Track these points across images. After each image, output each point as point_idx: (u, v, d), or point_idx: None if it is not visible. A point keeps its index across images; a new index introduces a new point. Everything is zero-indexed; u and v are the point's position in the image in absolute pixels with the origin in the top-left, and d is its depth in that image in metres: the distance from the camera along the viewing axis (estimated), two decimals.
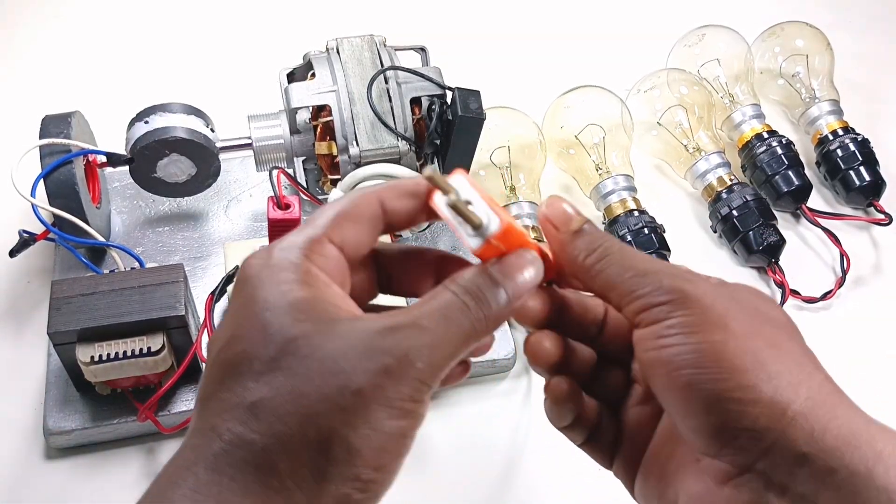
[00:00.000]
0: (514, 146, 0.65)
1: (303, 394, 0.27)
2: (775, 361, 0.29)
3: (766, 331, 0.30)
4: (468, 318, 0.29)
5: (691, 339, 0.29)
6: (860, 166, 0.67)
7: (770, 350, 0.29)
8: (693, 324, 0.29)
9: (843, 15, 0.84)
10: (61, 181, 0.53)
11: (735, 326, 0.29)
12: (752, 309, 0.31)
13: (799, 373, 0.29)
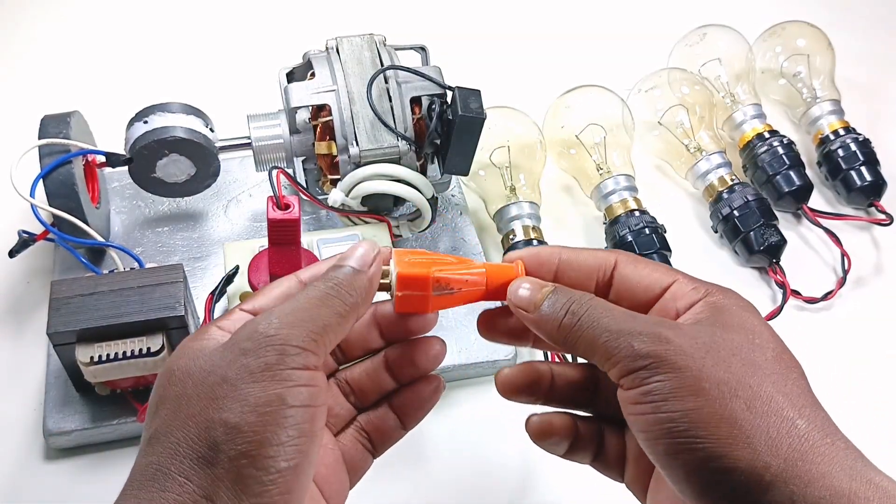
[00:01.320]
0: (514, 146, 0.64)
1: (181, 407, 0.30)
2: (753, 422, 0.29)
3: (746, 384, 0.30)
4: (317, 289, 0.33)
5: (665, 406, 0.29)
6: (861, 166, 0.67)
7: (748, 411, 0.29)
8: (667, 390, 0.29)
9: (845, 14, 0.84)
10: (60, 181, 0.53)
11: (711, 389, 0.29)
12: (735, 356, 0.31)
13: (780, 426, 0.29)
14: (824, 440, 0.30)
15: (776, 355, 0.31)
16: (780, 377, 0.31)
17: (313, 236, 0.54)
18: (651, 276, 0.35)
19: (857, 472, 0.29)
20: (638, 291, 0.35)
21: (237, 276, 0.52)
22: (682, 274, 0.35)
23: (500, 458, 0.54)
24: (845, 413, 0.56)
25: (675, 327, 0.31)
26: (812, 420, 0.30)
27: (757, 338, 0.32)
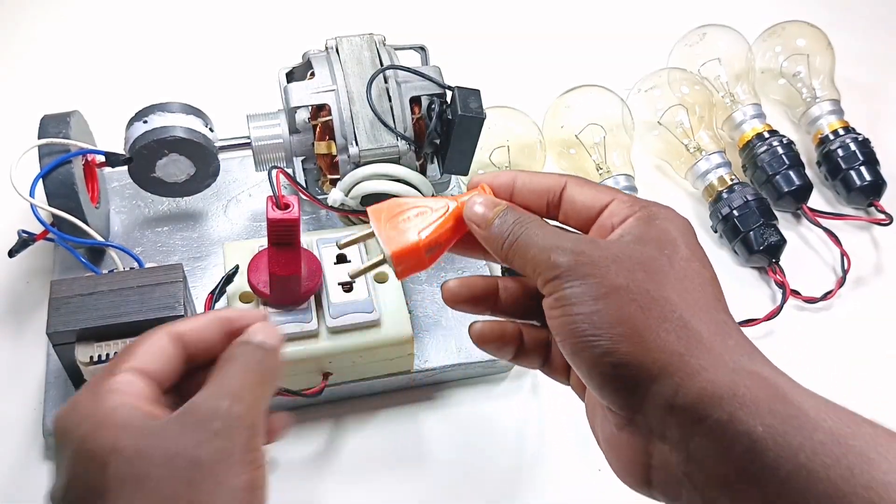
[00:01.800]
0: (514, 146, 0.64)
1: (150, 492, 0.29)
2: (646, 322, 0.32)
3: (645, 290, 0.33)
4: (251, 368, 0.34)
5: (572, 310, 0.33)
6: (861, 166, 0.67)
7: (642, 313, 0.32)
8: (575, 296, 0.33)
9: (844, 14, 0.84)
10: (60, 181, 0.53)
11: (611, 295, 0.33)
12: (641, 265, 0.34)
13: (671, 326, 0.32)
14: (714, 338, 0.32)
15: (685, 264, 0.34)
16: (683, 283, 0.34)
17: (313, 236, 0.54)
18: (594, 196, 0.38)
19: (741, 365, 0.32)
20: (582, 211, 0.38)
21: (237, 275, 0.52)
22: (622, 193, 0.38)
23: (499, 458, 0.54)
24: None
25: (592, 242, 0.35)
26: (706, 321, 0.33)
27: (668, 248, 0.34)
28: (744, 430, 0.30)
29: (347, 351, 0.50)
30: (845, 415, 0.31)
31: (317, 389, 0.50)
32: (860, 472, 0.29)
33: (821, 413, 0.30)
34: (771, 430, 0.30)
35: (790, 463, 0.29)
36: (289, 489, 0.51)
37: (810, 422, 0.30)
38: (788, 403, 0.30)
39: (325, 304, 0.50)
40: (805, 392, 0.31)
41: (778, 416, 0.30)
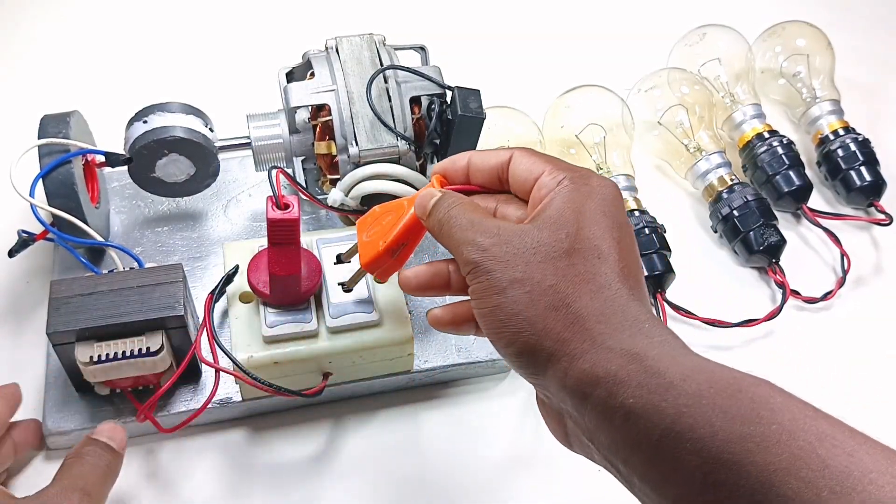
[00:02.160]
0: (514, 146, 0.64)
1: None
2: (534, 311, 0.36)
3: (535, 280, 0.36)
4: (98, 466, 0.45)
5: (481, 303, 0.37)
6: (861, 166, 0.67)
7: (531, 304, 0.36)
8: (481, 291, 0.37)
9: (845, 14, 0.84)
10: (60, 181, 0.53)
11: (509, 289, 0.36)
12: (536, 255, 0.37)
13: (556, 313, 0.35)
14: (598, 321, 0.35)
15: (586, 243, 0.37)
16: (576, 267, 0.36)
17: (313, 236, 0.54)
18: (530, 168, 0.40)
19: (620, 345, 0.34)
20: (523, 183, 0.41)
21: (236, 275, 0.52)
22: (557, 163, 0.40)
23: (499, 458, 0.54)
24: (845, 413, 0.56)
25: (496, 235, 0.38)
26: (592, 303, 0.36)
27: (563, 230, 0.37)
28: (619, 403, 0.33)
29: (347, 351, 0.50)
30: (711, 378, 0.33)
31: (317, 389, 0.50)
32: (723, 429, 0.31)
33: (686, 380, 0.33)
34: (641, 400, 0.33)
35: (658, 428, 0.32)
36: (289, 489, 0.51)
37: (674, 389, 0.32)
38: (655, 375, 0.33)
39: (325, 303, 0.50)
40: (677, 361, 0.34)
41: (645, 387, 0.33)
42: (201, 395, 0.53)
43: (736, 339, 0.61)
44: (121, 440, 0.47)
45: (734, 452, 0.30)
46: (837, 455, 0.30)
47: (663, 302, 0.60)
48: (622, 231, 0.38)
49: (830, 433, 0.31)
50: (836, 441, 0.31)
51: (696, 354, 0.35)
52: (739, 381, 0.33)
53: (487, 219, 0.39)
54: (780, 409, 0.32)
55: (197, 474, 0.52)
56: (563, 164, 0.40)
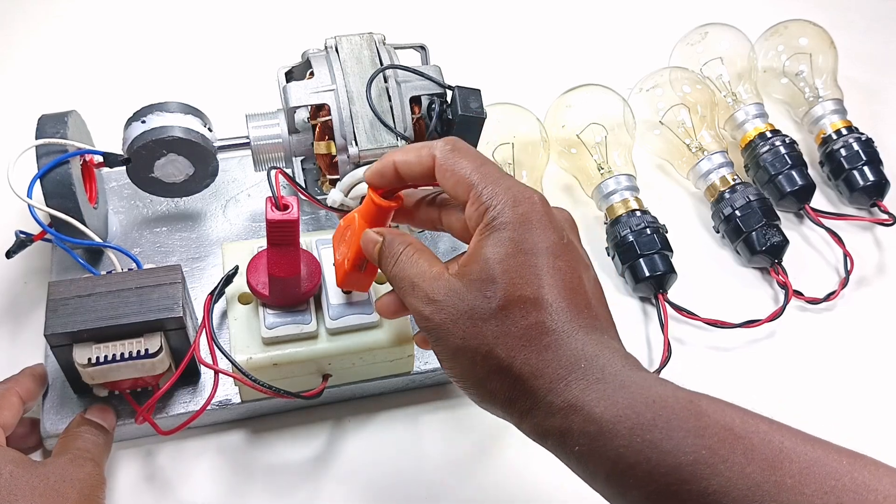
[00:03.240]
0: (518, 143, 0.64)
1: None
2: (481, 376, 0.38)
3: (475, 348, 0.38)
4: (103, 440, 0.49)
5: (437, 356, 0.41)
6: (864, 166, 0.67)
7: (475, 369, 0.38)
8: (435, 349, 0.40)
9: (847, 14, 0.84)
10: (58, 181, 0.52)
11: (456, 358, 0.39)
12: (471, 319, 0.38)
13: (497, 378, 0.38)
14: (537, 381, 0.37)
15: (502, 306, 0.38)
16: (504, 324, 0.37)
17: (312, 237, 0.54)
18: (454, 187, 0.41)
19: (560, 397, 0.36)
20: (456, 199, 0.41)
21: (236, 276, 0.52)
22: (479, 181, 0.40)
23: (499, 459, 0.53)
24: (847, 413, 0.56)
25: (434, 303, 0.39)
26: (526, 363, 0.37)
27: (491, 288, 0.38)
28: (569, 451, 0.37)
29: (347, 352, 0.49)
30: (643, 413, 0.35)
31: (316, 391, 0.50)
32: (660, 462, 0.34)
33: (620, 421, 0.35)
34: (586, 447, 0.36)
35: (604, 468, 0.36)
36: (288, 491, 0.51)
37: (610, 433, 0.35)
38: (592, 422, 0.35)
39: (325, 305, 0.50)
40: (612, 401, 0.35)
41: (587, 435, 0.36)
42: (200, 396, 0.52)
43: (738, 339, 0.60)
44: (110, 421, 0.50)
45: (671, 483, 0.33)
46: (763, 468, 0.33)
47: (665, 302, 0.60)
48: (562, 259, 0.39)
49: (759, 444, 0.34)
50: (765, 453, 0.33)
51: (632, 379, 0.36)
52: (670, 409, 0.35)
53: (426, 276, 0.40)
54: (711, 433, 0.34)
55: (196, 476, 0.51)
56: (487, 180, 0.40)
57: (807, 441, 0.34)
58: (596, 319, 0.39)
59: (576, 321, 0.38)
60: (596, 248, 0.65)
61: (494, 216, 0.39)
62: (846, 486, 0.32)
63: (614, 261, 0.63)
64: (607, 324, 0.40)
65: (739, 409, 0.36)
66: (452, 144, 0.41)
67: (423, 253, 0.42)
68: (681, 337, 0.60)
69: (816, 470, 0.33)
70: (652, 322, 0.61)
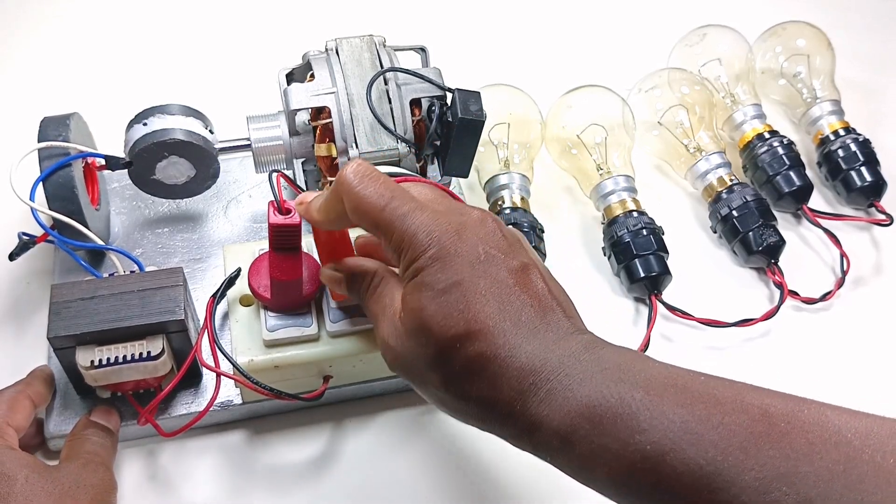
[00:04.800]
0: (514, 122, 0.65)
1: None
2: (451, 408, 0.41)
3: (437, 390, 0.40)
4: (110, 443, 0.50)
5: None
6: (861, 166, 0.67)
7: (444, 404, 0.41)
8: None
9: (845, 15, 0.84)
10: (60, 184, 0.53)
11: (424, 393, 0.41)
12: (428, 369, 0.39)
13: (468, 408, 0.39)
14: (498, 406, 0.38)
15: (439, 351, 0.38)
16: (447, 368, 0.38)
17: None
18: (365, 226, 0.42)
19: (522, 413, 0.37)
20: (364, 228, 0.42)
21: (238, 278, 0.52)
22: (384, 236, 0.41)
23: (500, 459, 0.54)
24: None
25: (390, 349, 0.41)
26: (482, 393, 0.38)
27: (422, 337, 0.39)
28: (540, 454, 0.38)
29: (348, 355, 0.50)
30: (587, 415, 0.36)
31: (317, 393, 0.50)
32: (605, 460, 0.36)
33: (570, 430, 0.36)
34: (551, 452, 0.38)
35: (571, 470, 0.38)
36: (289, 491, 0.51)
37: (566, 447, 0.37)
38: (549, 435, 0.37)
39: (326, 308, 0.50)
40: (561, 410, 0.36)
41: (552, 448, 0.37)
42: (202, 397, 0.53)
43: (733, 339, 0.61)
44: (115, 422, 0.51)
45: (634, 472, 0.34)
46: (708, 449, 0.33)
47: (657, 303, 0.60)
48: (483, 277, 0.38)
49: (701, 390, 0.35)
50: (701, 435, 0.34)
51: (584, 376, 0.36)
52: (615, 408, 0.35)
53: (385, 316, 0.41)
54: (651, 427, 0.34)
55: (197, 476, 0.52)
56: (394, 222, 0.40)
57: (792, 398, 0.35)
58: (540, 319, 0.38)
59: (516, 335, 0.37)
60: (593, 248, 0.65)
61: (409, 262, 0.40)
62: (847, 438, 0.33)
63: (610, 261, 0.63)
64: (555, 315, 0.39)
65: (687, 377, 0.37)
66: (351, 183, 0.41)
67: (390, 282, 0.43)
68: (675, 336, 0.61)
69: (802, 417, 0.34)
70: (644, 323, 0.61)
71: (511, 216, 0.62)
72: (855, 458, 0.32)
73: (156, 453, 0.52)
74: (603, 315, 0.61)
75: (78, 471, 0.46)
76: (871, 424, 0.33)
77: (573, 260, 0.65)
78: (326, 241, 0.47)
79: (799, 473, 0.32)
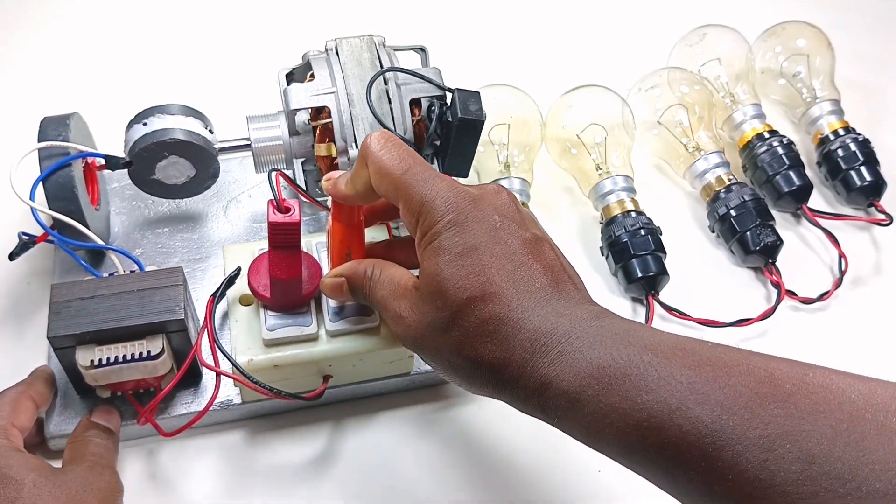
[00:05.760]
0: (514, 123, 0.65)
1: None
2: (463, 377, 0.41)
3: (450, 358, 0.41)
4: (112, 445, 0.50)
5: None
6: (861, 166, 0.67)
7: (457, 373, 0.41)
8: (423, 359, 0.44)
9: (844, 14, 0.84)
10: (60, 184, 0.53)
11: (436, 365, 0.43)
12: (442, 334, 0.40)
13: (481, 373, 0.40)
14: (507, 369, 0.39)
15: (454, 314, 0.39)
16: (461, 331, 0.39)
17: (313, 238, 0.54)
18: (385, 193, 0.43)
19: (532, 375, 0.38)
20: (384, 196, 0.44)
21: (238, 277, 0.52)
22: (403, 201, 0.42)
23: (499, 459, 0.54)
24: None
25: (400, 320, 0.42)
26: (492, 356, 0.39)
27: (438, 300, 0.40)
28: (549, 416, 0.39)
29: (347, 354, 0.50)
30: (595, 379, 0.37)
31: (317, 393, 0.50)
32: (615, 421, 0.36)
33: (581, 389, 0.37)
34: (564, 421, 0.39)
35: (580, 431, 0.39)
36: (289, 491, 0.51)
37: (578, 403, 0.37)
38: (559, 394, 0.38)
39: (325, 307, 0.50)
40: (571, 370, 0.37)
41: (561, 409, 0.38)
42: (202, 397, 0.53)
43: (730, 339, 0.61)
44: (116, 422, 0.51)
45: (644, 436, 0.35)
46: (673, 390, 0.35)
47: (654, 303, 0.60)
48: (499, 244, 0.40)
49: (710, 356, 0.36)
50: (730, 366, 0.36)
51: (594, 340, 0.38)
52: (624, 368, 0.36)
53: (395, 294, 0.43)
54: (659, 387, 0.35)
55: (197, 475, 0.52)
56: (415, 186, 0.41)
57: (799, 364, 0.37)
58: (552, 287, 0.40)
59: (529, 299, 0.39)
60: (592, 248, 0.65)
61: (426, 228, 0.41)
62: (852, 399, 0.33)
63: (608, 260, 0.63)
64: (566, 285, 0.41)
65: (694, 343, 0.37)
66: (378, 146, 0.43)
67: (389, 270, 0.45)
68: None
69: (809, 381, 0.34)
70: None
71: None
72: (858, 417, 0.32)
73: (156, 453, 0.53)
74: None
75: (84, 474, 0.46)
76: (874, 387, 0.34)
77: (572, 259, 0.64)
78: (342, 239, 0.48)
79: (803, 432, 0.32)
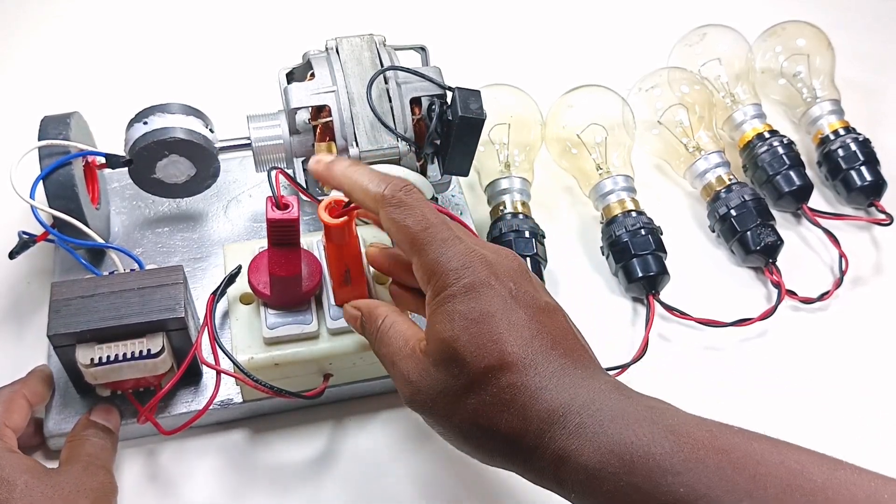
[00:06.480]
0: (514, 123, 0.65)
1: None
2: (474, 447, 0.40)
3: (461, 425, 0.39)
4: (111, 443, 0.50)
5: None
6: (861, 166, 0.67)
7: (468, 442, 0.40)
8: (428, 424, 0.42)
9: (844, 14, 0.84)
10: (60, 183, 0.53)
11: (445, 433, 0.41)
12: (455, 401, 0.39)
13: (495, 445, 0.39)
14: (524, 439, 0.38)
15: (470, 381, 0.38)
16: (478, 398, 0.38)
17: (313, 237, 0.54)
18: (398, 242, 0.42)
19: (547, 453, 0.37)
20: (397, 245, 0.43)
21: (238, 276, 0.52)
22: (416, 258, 0.41)
23: None
24: (839, 413, 0.57)
25: (410, 384, 0.41)
26: (508, 427, 0.38)
27: (454, 367, 0.39)
28: (565, 490, 0.37)
29: (348, 352, 0.50)
30: (616, 467, 0.35)
31: (317, 391, 0.50)
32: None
33: (602, 472, 0.36)
34: (580, 498, 0.37)
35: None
36: (289, 490, 0.51)
37: (595, 479, 0.36)
38: (577, 469, 0.36)
39: (326, 305, 0.50)
40: (594, 445, 0.36)
41: (581, 486, 0.36)
42: (202, 396, 0.53)
43: (730, 339, 0.61)
44: (115, 421, 0.50)
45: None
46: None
47: (654, 303, 0.60)
48: (516, 312, 0.39)
49: (743, 457, 0.34)
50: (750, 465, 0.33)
51: (613, 415, 0.36)
52: (647, 447, 0.35)
53: (402, 354, 0.41)
54: (694, 463, 0.34)
55: (197, 475, 0.52)
56: (431, 246, 0.40)
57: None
58: (568, 357, 0.39)
59: (547, 369, 0.38)
60: (592, 248, 0.65)
61: (439, 289, 0.40)
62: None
63: (608, 260, 0.63)
64: (582, 355, 0.40)
65: (721, 427, 0.36)
66: (400, 198, 0.41)
67: (399, 325, 0.43)
68: (673, 336, 0.61)
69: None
70: (641, 322, 0.61)
71: (512, 222, 0.61)
72: None
73: (156, 452, 0.52)
74: (601, 315, 0.61)
75: (78, 474, 0.46)
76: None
77: (572, 259, 0.65)
78: (328, 232, 0.48)
79: None
